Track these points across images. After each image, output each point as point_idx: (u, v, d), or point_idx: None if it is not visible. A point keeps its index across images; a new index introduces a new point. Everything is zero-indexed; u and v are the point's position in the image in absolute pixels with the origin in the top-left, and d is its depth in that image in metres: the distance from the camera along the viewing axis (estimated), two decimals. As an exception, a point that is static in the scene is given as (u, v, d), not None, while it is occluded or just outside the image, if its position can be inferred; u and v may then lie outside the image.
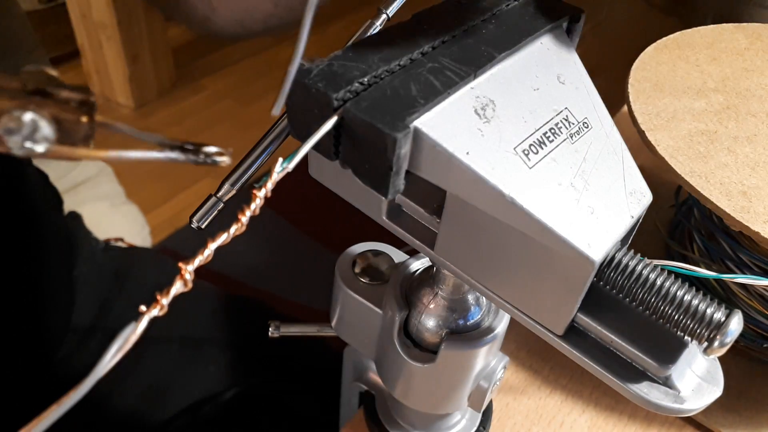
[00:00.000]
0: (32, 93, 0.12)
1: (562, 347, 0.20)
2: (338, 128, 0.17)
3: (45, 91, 0.12)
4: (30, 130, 0.11)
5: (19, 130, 0.11)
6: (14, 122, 0.11)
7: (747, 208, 0.29)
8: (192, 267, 0.14)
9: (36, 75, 0.12)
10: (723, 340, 0.17)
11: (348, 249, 0.29)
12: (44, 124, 0.11)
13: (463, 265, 0.21)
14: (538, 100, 0.19)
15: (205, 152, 0.14)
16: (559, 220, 0.17)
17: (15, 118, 0.11)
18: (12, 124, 0.11)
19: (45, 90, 0.12)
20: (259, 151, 0.21)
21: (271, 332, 0.31)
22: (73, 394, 0.12)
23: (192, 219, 0.21)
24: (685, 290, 0.18)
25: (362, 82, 0.17)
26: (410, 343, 0.26)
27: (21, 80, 0.12)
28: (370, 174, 0.17)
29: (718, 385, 0.20)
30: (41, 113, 0.11)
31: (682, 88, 0.36)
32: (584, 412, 0.36)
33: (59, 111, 0.11)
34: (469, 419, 0.32)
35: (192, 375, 0.51)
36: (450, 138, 0.17)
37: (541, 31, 0.20)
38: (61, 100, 0.12)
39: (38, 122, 0.11)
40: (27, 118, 0.11)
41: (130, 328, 0.13)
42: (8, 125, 0.11)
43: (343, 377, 0.35)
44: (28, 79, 0.12)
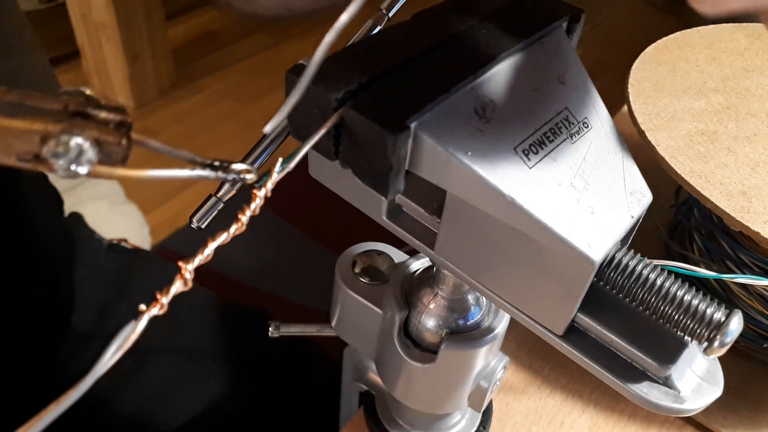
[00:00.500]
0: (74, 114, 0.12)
1: (562, 347, 0.20)
2: (338, 128, 0.17)
3: (85, 113, 0.12)
4: (76, 154, 0.11)
5: (65, 154, 0.11)
6: (62, 147, 0.11)
7: (747, 208, 0.29)
8: (192, 266, 0.14)
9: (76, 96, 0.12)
10: (723, 340, 0.17)
11: (348, 249, 0.29)
12: (88, 148, 0.11)
13: (463, 265, 0.21)
14: (538, 100, 0.19)
15: (234, 170, 0.14)
16: (559, 220, 0.17)
17: (63, 143, 0.11)
18: (60, 149, 0.11)
19: (85, 112, 0.12)
20: (260, 151, 0.21)
21: (271, 332, 0.31)
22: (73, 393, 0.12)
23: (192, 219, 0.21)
24: (685, 290, 0.18)
25: (362, 82, 0.17)
26: (410, 343, 0.26)
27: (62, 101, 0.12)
28: (370, 174, 0.17)
29: (718, 385, 0.20)
30: (85, 136, 0.11)
31: (682, 88, 0.36)
32: (584, 411, 0.36)
33: (100, 133, 0.12)
34: (469, 419, 0.32)
35: (192, 387, 0.51)
36: (450, 138, 0.17)
37: (541, 31, 0.20)
38: (101, 122, 0.12)
39: (83, 146, 0.11)
40: (74, 142, 0.11)
41: (130, 327, 0.13)
42: (56, 150, 0.11)
43: (343, 377, 0.35)
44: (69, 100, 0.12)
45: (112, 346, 0.13)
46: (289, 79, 0.17)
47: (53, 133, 0.11)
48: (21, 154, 0.11)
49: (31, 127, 0.11)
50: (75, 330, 0.51)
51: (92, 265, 0.54)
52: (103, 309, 0.52)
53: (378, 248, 0.29)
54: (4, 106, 0.12)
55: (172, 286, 0.14)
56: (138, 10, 1.47)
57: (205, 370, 0.53)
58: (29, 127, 0.11)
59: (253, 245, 1.22)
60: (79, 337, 0.51)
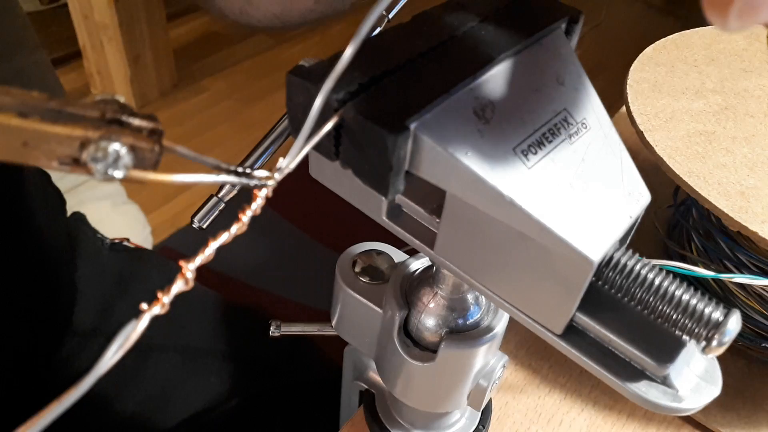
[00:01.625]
0: (110, 122, 0.13)
1: (561, 346, 0.20)
2: (338, 128, 0.17)
3: (121, 120, 0.13)
4: (113, 159, 0.12)
5: (104, 159, 0.12)
6: (101, 152, 0.12)
7: (745, 208, 0.29)
8: (193, 266, 0.14)
9: (111, 103, 0.13)
10: (721, 340, 0.18)
11: (348, 249, 0.29)
12: (125, 153, 0.12)
13: (462, 265, 0.21)
14: (537, 101, 0.19)
15: (256, 176, 0.15)
16: (557, 220, 0.17)
17: (102, 148, 0.12)
18: (99, 154, 0.12)
19: (121, 119, 0.13)
20: (260, 151, 0.21)
21: (272, 331, 0.31)
22: (74, 392, 0.13)
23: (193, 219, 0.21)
24: (684, 290, 0.18)
25: (362, 83, 0.17)
26: (410, 343, 0.26)
27: (100, 108, 0.13)
28: (370, 174, 0.18)
29: (716, 384, 0.20)
30: (122, 143, 0.12)
31: (681, 89, 0.37)
32: (583, 410, 0.36)
33: (135, 140, 0.12)
34: (468, 418, 0.32)
35: (193, 385, 0.51)
36: (449, 139, 0.17)
37: (540, 32, 0.20)
38: (136, 129, 0.13)
39: (120, 151, 0.12)
40: (112, 148, 0.12)
41: (131, 326, 0.13)
42: (95, 154, 0.12)
43: (343, 376, 0.35)
44: (105, 108, 0.13)
45: (114, 345, 0.13)
46: (289, 80, 0.18)
47: (93, 139, 0.12)
48: (62, 158, 0.12)
49: (72, 133, 0.12)
50: (77, 329, 0.51)
51: (94, 264, 0.54)
52: (104, 308, 0.53)
53: (378, 248, 0.29)
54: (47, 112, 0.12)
55: (174, 285, 0.14)
56: (139, 11, 1.47)
57: (205, 369, 0.53)
58: (71, 133, 0.12)
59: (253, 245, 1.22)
60: (80, 335, 0.51)
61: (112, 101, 0.13)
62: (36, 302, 0.48)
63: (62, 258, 0.52)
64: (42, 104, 0.12)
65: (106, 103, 0.13)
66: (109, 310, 0.52)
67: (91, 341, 0.51)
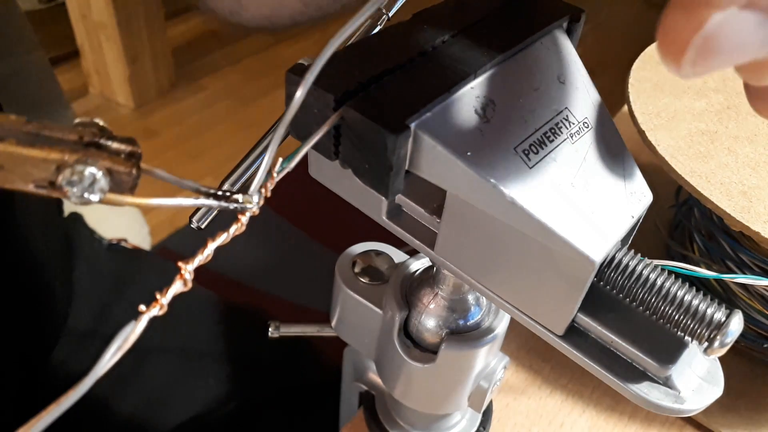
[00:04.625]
0: (88, 145, 0.13)
1: (563, 347, 0.20)
2: (338, 128, 0.17)
3: (98, 144, 0.13)
4: (89, 182, 0.12)
5: (79, 183, 0.12)
6: (77, 175, 0.12)
7: (747, 208, 0.29)
8: (191, 267, 0.14)
9: (90, 126, 0.13)
10: (723, 340, 0.17)
11: (348, 249, 0.29)
12: (101, 177, 0.12)
13: (463, 265, 0.21)
14: (538, 100, 0.19)
15: (236, 199, 0.15)
16: (559, 220, 0.17)
17: (78, 172, 0.12)
18: (75, 177, 0.12)
19: (98, 142, 0.13)
20: (259, 151, 0.21)
21: (271, 332, 0.31)
22: (72, 394, 0.12)
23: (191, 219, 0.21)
24: (686, 290, 0.18)
25: (362, 82, 0.17)
26: (410, 343, 0.26)
27: (78, 132, 0.13)
28: (370, 174, 0.17)
29: (718, 385, 0.20)
30: (98, 166, 0.12)
31: (683, 88, 0.36)
32: (584, 412, 0.36)
33: (112, 163, 0.13)
34: (469, 419, 0.32)
35: (192, 387, 0.51)
36: (450, 138, 0.17)
37: (541, 31, 0.20)
38: (113, 152, 0.13)
39: (96, 175, 0.12)
40: (88, 172, 0.12)
41: (130, 328, 0.13)
42: (71, 178, 0.12)
43: (343, 377, 0.35)
44: (83, 131, 0.13)
45: (112, 346, 0.13)
46: (289, 78, 0.17)
47: (69, 162, 0.12)
48: (38, 181, 0.12)
49: (48, 156, 0.12)
50: (74, 329, 0.51)
51: (91, 264, 0.54)
52: (102, 309, 0.52)
53: (378, 248, 0.29)
54: (23, 135, 0.12)
55: (172, 286, 0.14)
56: (138, 10, 1.47)
57: (204, 370, 0.52)
58: (46, 156, 0.12)
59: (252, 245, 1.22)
60: (78, 336, 0.51)
61: (91, 124, 0.13)
62: (32, 303, 0.48)
63: (60, 258, 0.52)
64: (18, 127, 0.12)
65: (85, 126, 0.13)
66: (107, 311, 0.52)
67: (88, 342, 0.51)
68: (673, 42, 0.12)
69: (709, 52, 0.12)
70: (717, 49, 0.12)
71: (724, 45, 0.11)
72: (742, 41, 0.11)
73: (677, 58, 0.12)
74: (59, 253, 0.52)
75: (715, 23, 0.11)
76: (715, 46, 0.11)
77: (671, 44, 0.12)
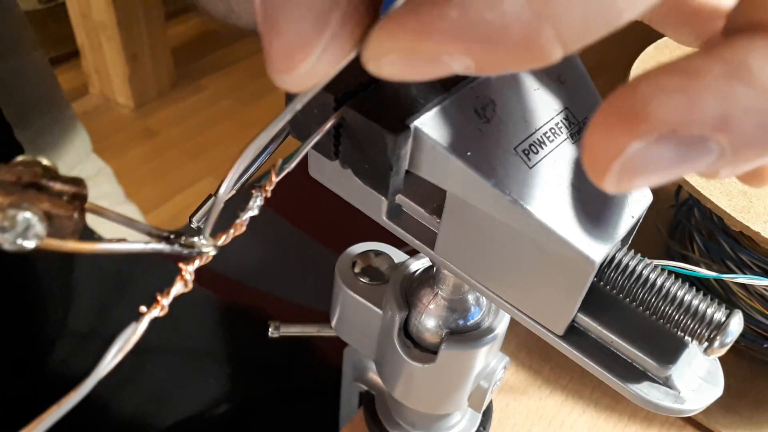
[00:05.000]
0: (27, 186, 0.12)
1: (563, 347, 0.20)
2: (338, 128, 0.17)
3: (39, 184, 0.12)
4: (23, 228, 0.11)
5: (12, 229, 0.11)
6: (8, 221, 0.11)
7: (747, 208, 0.29)
8: (192, 267, 0.14)
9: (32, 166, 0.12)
10: (723, 341, 0.17)
11: (348, 249, 0.29)
12: (36, 222, 0.11)
13: (463, 265, 0.21)
14: (538, 100, 0.19)
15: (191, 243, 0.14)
16: (559, 220, 0.17)
17: (9, 218, 0.11)
18: (6, 223, 0.11)
19: (39, 183, 0.12)
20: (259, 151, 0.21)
21: (271, 332, 0.31)
22: (74, 396, 0.12)
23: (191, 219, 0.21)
24: (686, 290, 0.18)
25: (362, 82, 0.17)
26: (410, 343, 0.26)
27: (16, 173, 0.12)
28: (370, 174, 0.17)
29: (718, 385, 0.20)
30: (34, 211, 0.11)
31: (682, 88, 0.36)
32: (584, 412, 0.36)
33: (52, 206, 0.12)
34: (469, 419, 0.32)
35: (191, 387, 0.51)
36: (450, 138, 0.17)
37: (541, 31, 0.20)
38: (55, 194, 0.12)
39: (30, 220, 0.11)
40: (20, 217, 0.11)
41: (131, 329, 0.13)
42: (2, 224, 0.11)
43: (343, 377, 0.35)
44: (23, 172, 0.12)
45: (113, 348, 0.13)
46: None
47: (1, 206, 0.11)
48: None
49: None
50: (74, 330, 0.51)
51: (91, 264, 0.54)
52: (101, 309, 0.52)
53: (378, 248, 0.29)
54: None
55: (173, 287, 0.14)
56: (138, 10, 1.47)
57: (204, 370, 0.52)
58: None
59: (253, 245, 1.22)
60: (78, 336, 0.51)
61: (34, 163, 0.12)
62: (31, 303, 0.48)
63: (59, 258, 0.52)
64: None
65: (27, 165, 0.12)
66: (107, 311, 0.52)
67: (88, 343, 0.51)
68: (596, 163, 0.12)
69: (631, 175, 0.12)
70: (637, 173, 0.12)
71: (643, 170, 0.12)
72: (661, 166, 0.12)
73: (600, 178, 0.12)
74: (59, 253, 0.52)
75: (633, 151, 0.11)
76: (635, 171, 0.12)
77: (594, 164, 0.12)
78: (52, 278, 0.51)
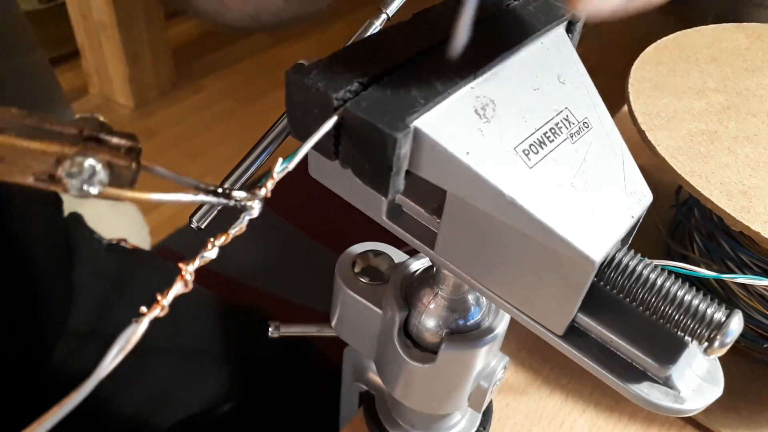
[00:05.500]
0: (88, 139, 0.13)
1: (563, 347, 0.20)
2: (338, 128, 0.17)
3: (99, 138, 0.13)
4: (89, 175, 0.12)
5: (79, 175, 0.12)
6: (76, 167, 0.12)
7: (747, 208, 0.29)
8: (192, 268, 0.14)
9: (90, 122, 0.13)
10: (723, 340, 0.17)
11: (348, 249, 0.29)
12: (100, 169, 0.12)
13: (463, 265, 0.21)
14: (538, 100, 0.19)
15: (236, 197, 0.15)
16: (559, 220, 0.17)
17: (77, 164, 0.12)
18: (74, 169, 0.12)
19: (98, 137, 0.13)
20: (259, 151, 0.21)
21: (271, 332, 0.31)
22: (75, 396, 0.12)
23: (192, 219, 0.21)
24: (686, 290, 0.18)
25: (362, 82, 0.17)
26: (410, 343, 0.26)
27: (78, 126, 0.13)
28: (370, 174, 0.17)
29: (718, 385, 0.20)
30: (98, 159, 0.12)
31: (683, 88, 0.36)
32: (584, 412, 0.36)
33: (112, 157, 0.13)
34: (469, 419, 0.32)
35: (191, 387, 0.51)
36: (450, 138, 0.17)
37: (541, 31, 0.20)
38: (113, 147, 0.13)
39: (96, 167, 0.12)
40: (87, 164, 0.12)
41: (131, 329, 0.13)
42: (70, 170, 0.12)
43: (343, 377, 0.35)
44: (83, 126, 0.13)
45: (114, 348, 0.13)
46: (289, 78, 0.17)
47: (69, 155, 0.12)
48: (38, 174, 0.12)
49: (48, 149, 0.12)
50: (74, 330, 0.51)
51: (91, 265, 0.54)
52: (102, 309, 0.52)
53: (378, 248, 0.29)
54: (23, 128, 0.12)
55: (173, 287, 0.14)
56: (138, 10, 1.47)
57: (204, 370, 0.52)
58: (46, 149, 0.12)
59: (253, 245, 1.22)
60: (78, 336, 0.51)
61: (92, 119, 0.13)
62: (32, 303, 0.48)
63: (59, 258, 0.52)
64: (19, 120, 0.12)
65: (85, 121, 0.13)
66: (107, 311, 0.52)
67: (88, 343, 0.51)
68: None
69: None
70: None
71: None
72: None
73: None
74: (59, 253, 0.52)
75: None
76: None
77: None
78: (52, 278, 0.51)
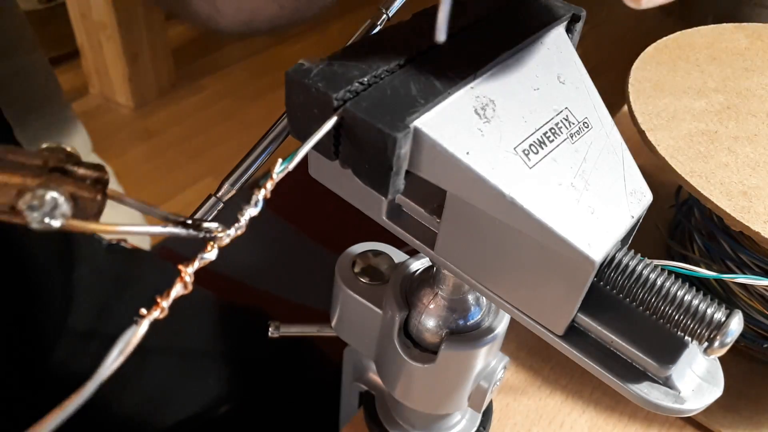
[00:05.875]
0: (52, 170, 0.13)
1: (563, 347, 0.20)
2: (338, 128, 0.17)
3: (64, 169, 0.13)
4: (50, 207, 0.12)
5: (40, 207, 0.12)
6: (37, 200, 0.12)
7: (747, 208, 0.29)
8: (192, 269, 0.14)
9: (56, 152, 0.13)
10: (723, 340, 0.17)
11: (348, 249, 0.29)
12: (63, 202, 0.12)
13: (463, 265, 0.21)
14: (538, 100, 0.19)
15: (206, 228, 0.15)
16: (559, 220, 0.17)
17: (38, 197, 0.12)
18: (35, 202, 0.12)
19: (64, 168, 0.13)
20: (259, 151, 0.21)
21: (271, 332, 0.31)
22: (76, 398, 0.12)
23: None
24: (686, 290, 0.18)
25: (362, 82, 0.17)
26: (410, 343, 0.26)
27: (43, 157, 0.13)
28: (370, 174, 0.17)
29: (718, 385, 0.20)
30: (61, 191, 0.12)
31: (683, 88, 0.36)
32: (584, 412, 0.36)
33: (76, 189, 0.12)
34: (469, 419, 0.32)
35: (191, 388, 0.51)
36: (450, 138, 0.17)
37: (541, 31, 0.20)
38: (79, 178, 0.13)
39: (58, 200, 0.12)
40: (48, 196, 0.12)
41: (131, 331, 0.13)
42: (31, 202, 0.12)
43: (343, 377, 0.35)
44: (49, 157, 0.13)
45: (114, 351, 0.13)
46: (289, 78, 0.17)
47: (30, 187, 0.12)
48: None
49: (9, 181, 0.12)
50: (74, 330, 0.51)
51: (91, 265, 0.54)
52: (102, 309, 0.52)
53: (378, 248, 0.29)
54: None
55: (173, 289, 0.14)
56: (138, 10, 1.47)
57: (204, 370, 0.52)
58: (7, 181, 0.12)
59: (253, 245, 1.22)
60: (78, 337, 0.51)
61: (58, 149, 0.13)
62: (32, 303, 0.48)
63: (59, 258, 0.52)
64: None
65: (52, 151, 0.13)
66: (107, 311, 0.52)
67: (88, 342, 0.51)
68: None
69: None
70: None
71: None
72: None
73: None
74: (59, 253, 0.52)
75: None
76: None
77: None
78: (53, 278, 0.51)
